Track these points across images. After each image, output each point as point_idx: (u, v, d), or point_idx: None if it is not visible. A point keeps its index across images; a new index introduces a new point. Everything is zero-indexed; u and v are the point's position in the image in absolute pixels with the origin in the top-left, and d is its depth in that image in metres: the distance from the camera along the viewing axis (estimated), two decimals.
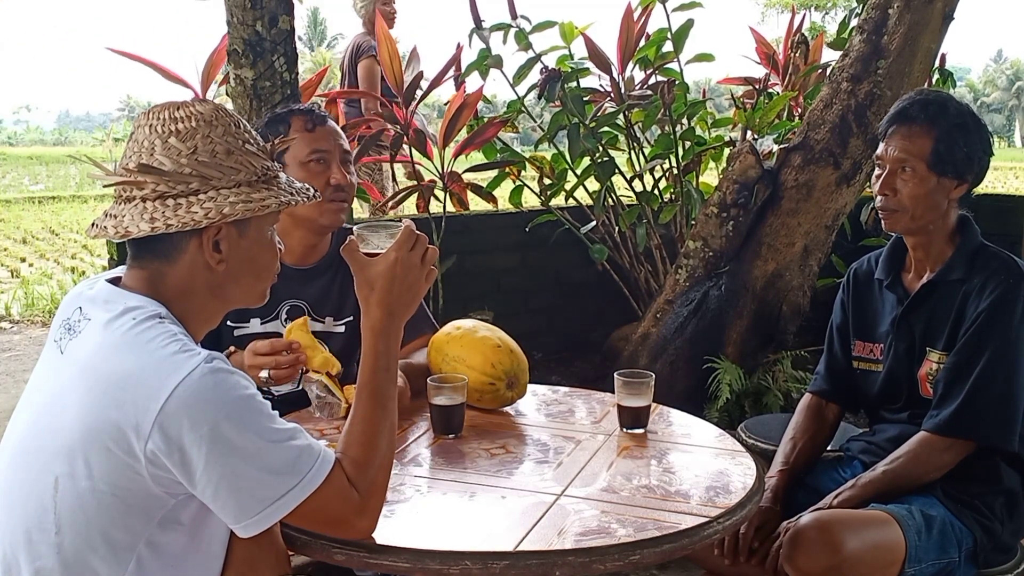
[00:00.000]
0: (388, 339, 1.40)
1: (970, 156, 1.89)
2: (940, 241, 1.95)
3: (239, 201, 1.29)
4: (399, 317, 1.41)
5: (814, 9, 24.80)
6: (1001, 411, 1.84)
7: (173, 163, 1.29)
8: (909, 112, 1.91)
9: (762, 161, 3.88)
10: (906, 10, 3.71)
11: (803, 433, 2.10)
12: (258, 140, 1.37)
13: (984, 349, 1.84)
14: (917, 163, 1.88)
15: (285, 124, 2.07)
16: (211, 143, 1.30)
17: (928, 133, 1.88)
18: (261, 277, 1.40)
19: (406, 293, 1.40)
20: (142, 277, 1.33)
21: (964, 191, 1.92)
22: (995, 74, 71.78)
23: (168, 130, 1.30)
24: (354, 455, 1.33)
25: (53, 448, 1.24)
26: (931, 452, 1.87)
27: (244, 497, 1.23)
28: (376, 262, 1.39)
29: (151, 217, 1.28)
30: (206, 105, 1.34)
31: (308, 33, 68.51)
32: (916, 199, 1.89)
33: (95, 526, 1.23)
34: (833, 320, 2.16)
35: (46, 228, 14.39)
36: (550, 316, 4.73)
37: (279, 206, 1.33)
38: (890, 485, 1.87)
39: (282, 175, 1.40)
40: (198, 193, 1.29)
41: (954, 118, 1.89)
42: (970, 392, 1.83)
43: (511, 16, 4.10)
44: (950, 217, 1.94)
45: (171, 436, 1.19)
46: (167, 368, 1.21)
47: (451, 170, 4.02)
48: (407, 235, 1.40)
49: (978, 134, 1.90)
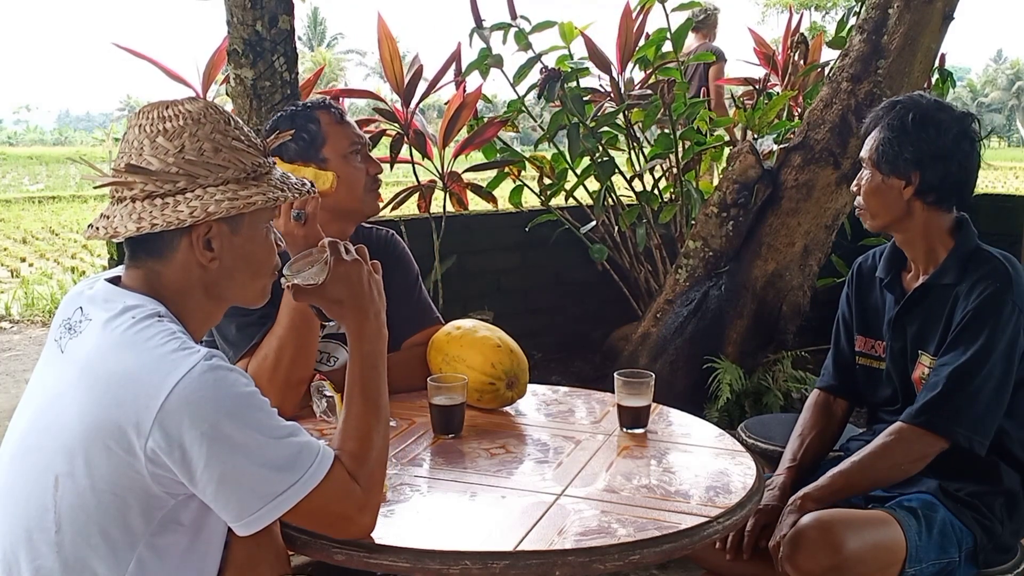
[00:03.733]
0: (371, 340, 1.42)
1: (913, 157, 1.88)
2: (927, 243, 1.95)
3: (225, 199, 1.29)
4: (373, 315, 1.44)
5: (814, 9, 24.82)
6: (974, 412, 1.82)
7: (161, 162, 1.29)
8: (875, 114, 1.98)
9: (762, 161, 3.88)
10: (906, 10, 3.71)
11: (811, 429, 2.10)
12: (250, 137, 1.36)
13: (968, 348, 1.83)
14: (868, 162, 1.96)
15: (314, 121, 2.04)
16: (198, 141, 1.30)
17: (878, 133, 1.94)
18: (257, 274, 1.40)
19: (368, 288, 1.44)
20: (139, 276, 1.34)
21: (914, 192, 1.90)
22: (995, 74, 71.76)
23: (157, 129, 1.30)
24: (351, 450, 1.34)
25: (53, 447, 1.24)
26: (900, 442, 1.86)
27: (245, 494, 1.23)
28: (328, 283, 1.43)
29: (138, 217, 1.28)
30: (196, 103, 1.34)
31: (308, 33, 68.53)
32: (867, 196, 1.97)
33: (95, 525, 1.23)
34: (839, 315, 2.17)
35: (46, 228, 14.39)
36: (550, 316, 4.73)
37: (266, 202, 1.32)
38: (858, 475, 1.87)
39: (276, 171, 1.39)
40: (185, 192, 1.29)
41: (894, 118, 1.91)
42: (947, 387, 1.83)
43: (511, 16, 4.10)
44: (926, 219, 1.93)
45: (171, 434, 1.19)
46: (167, 366, 1.21)
47: (451, 170, 4.02)
48: (332, 247, 1.44)
49: (921, 136, 1.88)
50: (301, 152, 2.02)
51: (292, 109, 2.10)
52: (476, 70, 4.08)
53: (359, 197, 2.06)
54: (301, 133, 2.02)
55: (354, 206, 2.07)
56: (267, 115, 3.15)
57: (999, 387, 1.84)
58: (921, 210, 1.93)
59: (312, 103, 2.12)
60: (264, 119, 3.14)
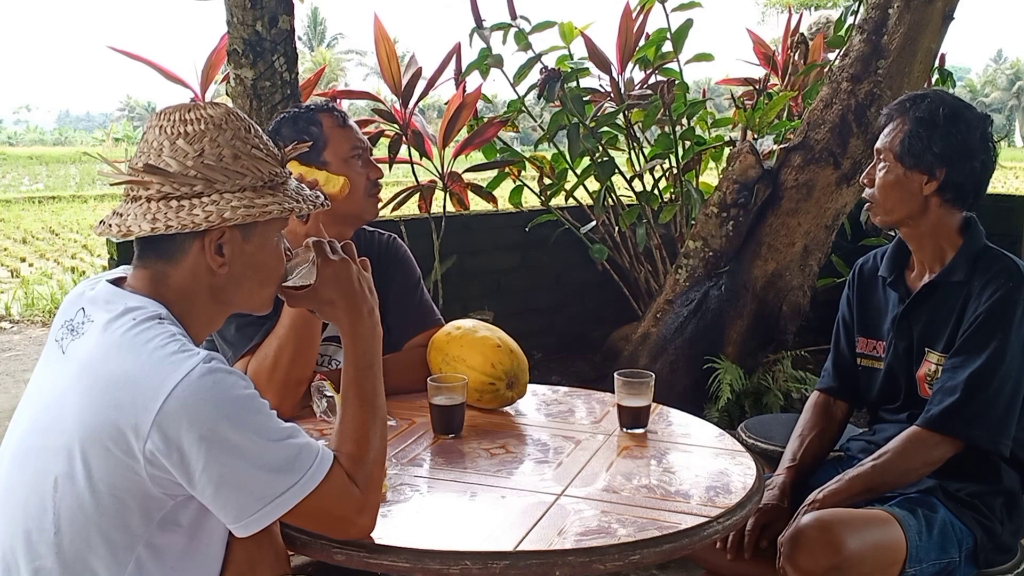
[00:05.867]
0: (365, 339, 1.42)
1: (942, 153, 1.86)
2: (936, 241, 1.94)
3: (241, 206, 1.29)
4: (367, 312, 1.43)
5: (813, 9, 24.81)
6: (994, 414, 1.82)
7: (179, 165, 1.29)
8: (897, 106, 1.95)
9: (762, 161, 3.88)
10: (906, 10, 3.71)
11: (811, 430, 2.10)
12: (268, 146, 1.36)
13: (983, 350, 1.83)
14: (888, 154, 1.92)
15: (316, 124, 2.04)
16: (218, 147, 1.30)
17: (901, 126, 1.91)
18: (264, 283, 1.40)
19: (357, 287, 1.43)
20: (145, 277, 1.33)
21: (936, 188, 1.89)
22: (995, 74, 71.74)
23: (177, 132, 1.30)
24: (348, 451, 1.34)
25: (53, 448, 1.24)
26: (920, 447, 1.85)
27: (244, 496, 1.23)
28: (318, 284, 1.42)
29: (153, 217, 1.28)
30: (218, 108, 1.34)
31: (308, 33, 68.55)
32: (884, 190, 1.93)
33: (94, 526, 1.23)
34: (839, 316, 2.16)
35: (46, 228, 14.40)
36: (550, 316, 4.73)
37: (281, 212, 1.32)
38: (877, 479, 1.86)
39: (291, 181, 1.39)
40: (201, 196, 1.28)
41: (923, 111, 1.88)
42: (966, 392, 1.82)
43: (511, 16, 4.10)
44: (938, 217, 1.92)
45: (170, 436, 1.19)
46: (166, 368, 1.20)
47: (451, 170, 4.02)
48: (318, 247, 1.43)
49: (951, 132, 1.86)
50: (303, 155, 2.01)
51: (294, 111, 2.10)
52: (476, 70, 4.08)
53: (359, 202, 2.05)
54: (303, 135, 2.02)
55: (354, 210, 2.06)
56: (267, 115, 3.15)
57: (1016, 387, 1.84)
58: (936, 207, 1.91)
59: (315, 105, 2.12)
60: (264, 119, 3.14)
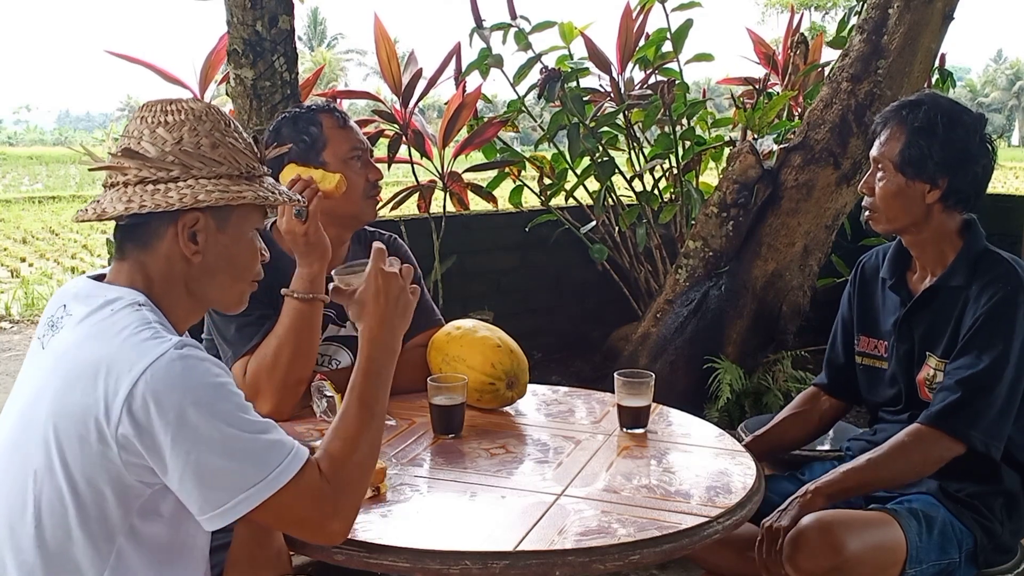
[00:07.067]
0: (381, 348, 1.40)
1: (942, 161, 1.84)
2: (937, 245, 1.93)
3: (216, 190, 1.30)
4: (392, 327, 1.42)
5: (814, 9, 24.82)
6: (994, 417, 1.81)
7: (157, 150, 1.30)
8: (892, 112, 1.92)
9: (762, 161, 3.88)
10: (906, 10, 3.71)
11: (790, 409, 2.15)
12: (248, 142, 1.38)
13: (982, 354, 1.82)
14: (887, 164, 1.90)
15: (316, 124, 2.04)
16: (197, 135, 1.32)
17: (900, 135, 1.88)
18: (238, 278, 1.40)
19: (394, 301, 1.42)
20: (123, 269, 1.35)
21: (939, 196, 1.87)
22: (995, 74, 71.75)
23: (158, 120, 1.32)
24: (333, 449, 1.32)
25: (33, 442, 1.24)
26: (918, 443, 1.84)
27: (208, 487, 1.20)
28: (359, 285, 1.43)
29: (128, 199, 1.29)
30: (199, 103, 1.36)
31: (308, 33, 68.58)
32: (886, 200, 1.90)
33: (73, 518, 1.23)
34: (839, 314, 2.16)
35: (46, 228, 14.40)
36: (550, 316, 4.73)
37: (255, 199, 1.33)
38: (872, 474, 1.84)
39: (268, 179, 1.40)
40: (177, 180, 1.30)
41: (921, 120, 1.85)
42: (968, 393, 1.81)
43: (511, 16, 4.10)
44: (940, 222, 1.90)
45: (140, 420, 1.18)
46: (136, 353, 1.20)
47: (451, 170, 4.02)
48: (378, 252, 1.44)
49: (950, 139, 1.84)
50: (301, 154, 2.01)
51: (295, 111, 2.10)
52: (476, 70, 4.08)
53: (357, 203, 2.05)
54: (302, 135, 2.02)
55: (352, 211, 2.06)
56: (267, 115, 3.15)
57: (1012, 391, 1.83)
58: (939, 213, 1.89)
59: (315, 106, 2.12)
60: (264, 119, 3.14)
